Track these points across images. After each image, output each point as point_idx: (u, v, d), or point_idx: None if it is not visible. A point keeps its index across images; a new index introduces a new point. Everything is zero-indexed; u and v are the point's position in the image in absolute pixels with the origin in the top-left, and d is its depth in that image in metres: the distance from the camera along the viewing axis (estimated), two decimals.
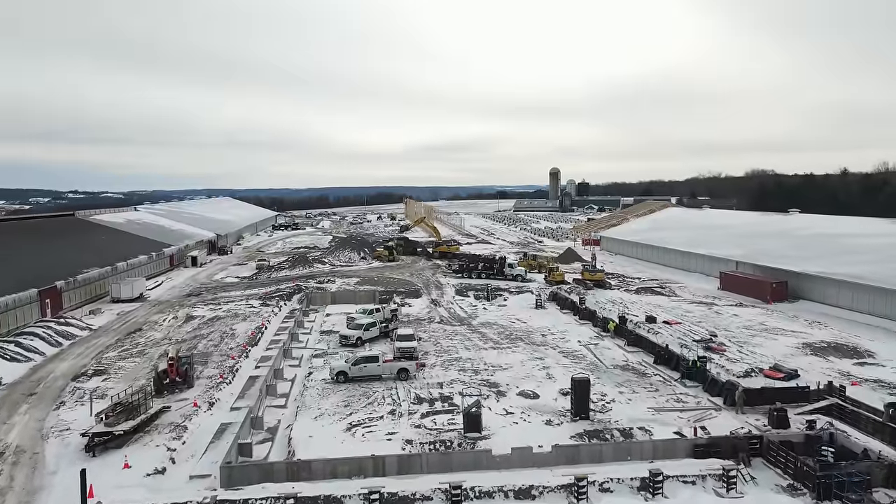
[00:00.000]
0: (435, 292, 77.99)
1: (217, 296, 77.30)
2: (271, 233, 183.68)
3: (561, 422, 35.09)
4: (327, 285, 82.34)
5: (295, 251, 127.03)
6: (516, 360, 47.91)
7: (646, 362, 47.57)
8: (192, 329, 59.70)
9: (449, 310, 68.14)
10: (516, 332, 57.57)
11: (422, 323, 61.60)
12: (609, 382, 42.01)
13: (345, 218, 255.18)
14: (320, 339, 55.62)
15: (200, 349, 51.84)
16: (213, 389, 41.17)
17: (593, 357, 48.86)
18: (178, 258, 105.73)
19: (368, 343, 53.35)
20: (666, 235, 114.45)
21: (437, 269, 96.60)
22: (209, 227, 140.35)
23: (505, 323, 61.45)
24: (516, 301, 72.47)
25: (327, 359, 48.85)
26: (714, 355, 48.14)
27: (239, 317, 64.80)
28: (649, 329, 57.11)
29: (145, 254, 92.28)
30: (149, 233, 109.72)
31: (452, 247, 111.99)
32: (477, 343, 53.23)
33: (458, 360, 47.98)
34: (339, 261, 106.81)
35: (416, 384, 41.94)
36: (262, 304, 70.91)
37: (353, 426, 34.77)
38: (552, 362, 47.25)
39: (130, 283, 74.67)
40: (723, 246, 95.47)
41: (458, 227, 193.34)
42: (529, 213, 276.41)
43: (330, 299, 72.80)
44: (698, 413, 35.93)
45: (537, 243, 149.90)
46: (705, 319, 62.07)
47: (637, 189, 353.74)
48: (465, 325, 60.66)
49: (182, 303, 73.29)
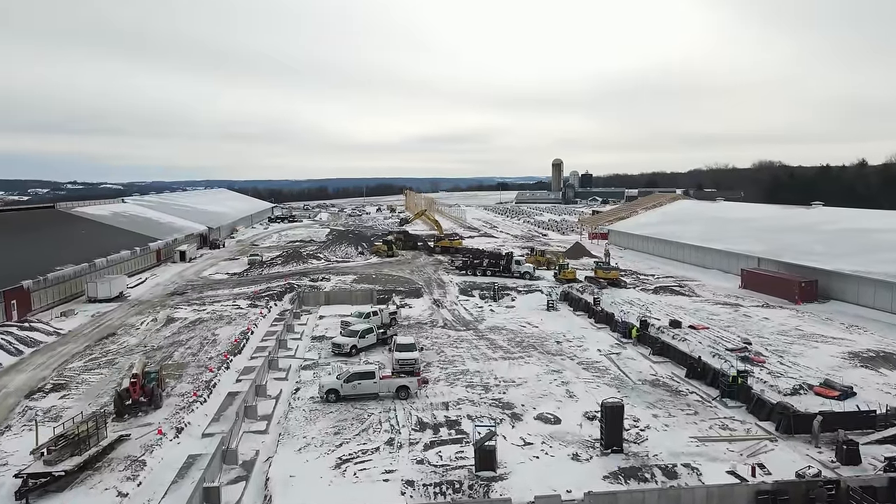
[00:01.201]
0: (437, 291, 72.51)
1: (203, 295, 71.83)
2: (267, 225, 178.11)
3: (590, 456, 29.63)
4: (321, 283, 76.84)
5: (290, 245, 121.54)
6: (531, 373, 42.45)
7: (677, 376, 42.13)
8: (170, 334, 54.23)
9: (453, 312, 62.68)
10: (528, 338, 52.12)
11: (423, 327, 56.15)
12: (639, 402, 36.56)
13: (343, 210, 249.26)
14: (311, 347, 50.14)
15: (176, 359, 46.37)
16: (184, 410, 35.71)
17: (617, 370, 43.39)
18: (166, 253, 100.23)
19: (364, 352, 47.90)
20: (678, 229, 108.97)
21: (438, 266, 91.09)
22: (201, 219, 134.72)
23: (515, 327, 55.99)
24: (525, 301, 66.99)
25: (318, 371, 43.42)
26: (753, 367, 42.69)
27: (223, 320, 59.33)
28: (674, 335, 51.65)
29: (129, 249, 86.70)
30: (135, 226, 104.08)
31: (455, 241, 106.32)
32: (485, 352, 47.77)
33: (464, 373, 42.52)
34: (335, 256, 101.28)
35: (418, 404, 36.50)
36: (250, 305, 65.43)
37: (344, 461, 29.30)
38: (571, 376, 41.80)
39: (108, 281, 69.14)
40: (741, 241, 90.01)
41: (460, 219, 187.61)
42: (532, 204, 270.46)
43: (324, 299, 67.31)
44: (752, 446, 30.48)
45: (542, 236, 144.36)
46: (734, 324, 56.59)
47: (640, 181, 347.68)
48: (471, 329, 55.20)
49: (164, 303, 67.82)
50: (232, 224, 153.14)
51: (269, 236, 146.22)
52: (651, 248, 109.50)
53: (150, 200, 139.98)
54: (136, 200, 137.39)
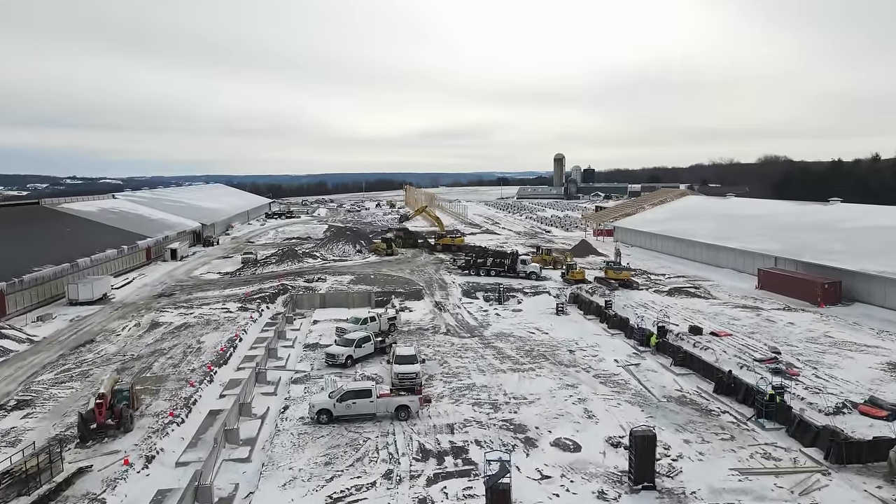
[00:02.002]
0: (439, 293, 68.62)
1: (191, 296, 67.95)
2: (264, 221, 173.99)
3: (618, 493, 25.80)
4: (317, 284, 72.92)
5: (286, 242, 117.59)
6: (543, 387, 38.61)
7: (704, 391, 38.30)
8: (152, 341, 50.36)
9: (456, 316, 58.83)
10: (538, 346, 48.25)
11: (424, 334, 52.30)
12: (667, 425, 32.71)
13: (342, 205, 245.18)
14: (303, 357, 46.26)
15: (155, 371, 42.51)
16: (157, 434, 31.87)
17: (638, 384, 39.55)
18: (157, 251, 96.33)
19: (361, 363, 44.06)
20: (688, 226, 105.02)
21: (440, 265, 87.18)
22: (195, 216, 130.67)
23: (523, 333, 52.14)
24: (533, 304, 63.17)
25: (309, 385, 39.58)
26: (787, 381, 38.86)
27: (211, 325, 55.47)
28: (695, 343, 47.86)
29: (116, 247, 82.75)
30: (124, 223, 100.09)
31: (457, 238, 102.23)
32: (492, 363, 43.91)
33: (471, 388, 38.67)
34: (332, 254, 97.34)
35: (420, 426, 32.66)
36: (240, 309, 61.53)
37: (335, 500, 25.49)
38: (588, 391, 37.96)
39: (91, 282, 65.22)
40: (756, 239, 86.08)
41: (461, 215, 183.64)
42: (533, 200, 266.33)
43: (319, 302, 63.47)
44: (803, 481, 26.65)
45: (545, 233, 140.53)
46: (758, 329, 52.74)
47: (641, 176, 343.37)
48: (477, 336, 51.34)
49: (150, 305, 63.94)
50: (227, 220, 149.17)
51: (266, 233, 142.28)
52: (660, 245, 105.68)
53: (141, 196, 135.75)
54: (127, 196, 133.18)
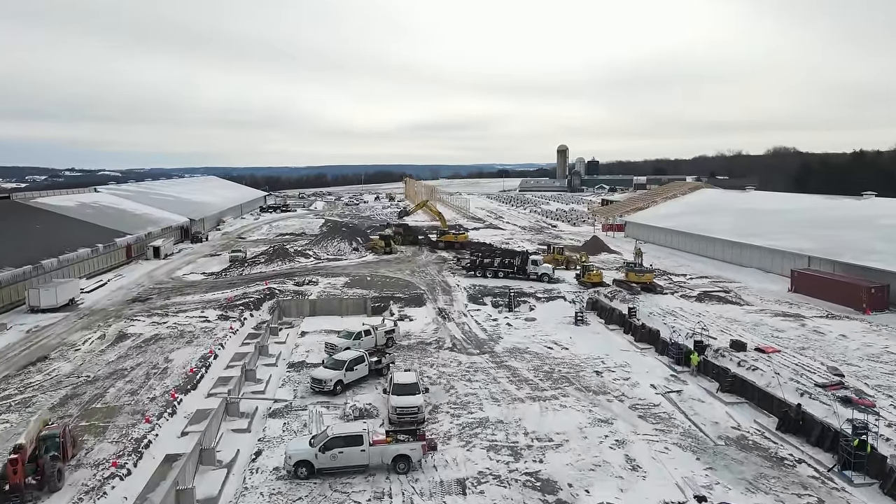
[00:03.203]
0: (443, 298, 61.99)
1: (169, 302, 61.37)
2: (258, 216, 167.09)
3: None
4: (308, 288, 66.25)
5: (279, 239, 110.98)
6: (571, 423, 32.10)
7: (765, 428, 31.81)
8: (114, 358, 43.78)
9: (462, 326, 52.25)
10: (558, 365, 41.70)
11: (427, 349, 45.75)
12: (734, 481, 26.19)
13: (340, 198, 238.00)
14: (285, 380, 39.67)
15: (109, 399, 35.94)
16: (92, 493, 25.35)
17: (684, 419, 33.03)
18: (139, 249, 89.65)
19: (352, 388, 37.53)
20: (706, 222, 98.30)
21: (442, 265, 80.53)
22: (183, 210, 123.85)
23: (539, 349, 45.58)
24: (547, 312, 56.62)
25: (290, 420, 33.05)
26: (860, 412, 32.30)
27: (184, 337, 48.89)
28: (740, 361, 41.31)
29: (90, 245, 76.08)
30: (103, 219, 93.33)
31: (460, 235, 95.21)
32: (507, 388, 37.37)
33: (483, 423, 32.14)
34: (326, 253, 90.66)
35: (423, 483, 26.14)
36: (220, 317, 54.94)
37: None
38: (626, 429, 31.43)
39: (55, 286, 58.54)
40: (784, 236, 79.40)
41: (463, 209, 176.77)
42: (537, 192, 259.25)
43: (308, 309, 56.89)
44: None
45: (551, 228, 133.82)
46: (807, 343, 46.09)
47: (643, 168, 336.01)
48: (487, 352, 44.77)
49: (120, 312, 57.34)
50: (218, 214, 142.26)
51: (259, 228, 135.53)
52: (675, 242, 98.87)
53: (126, 189, 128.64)
54: (110, 189, 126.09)
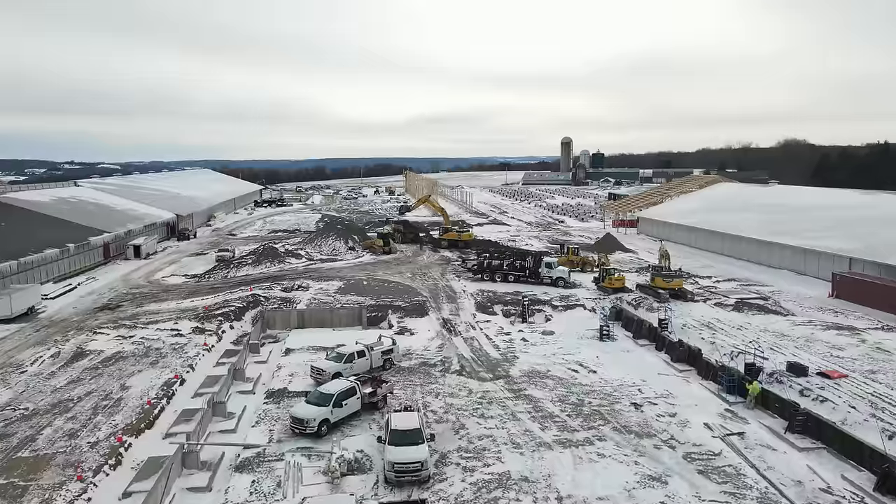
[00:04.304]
0: (447, 306, 55.24)
1: (141, 310, 54.70)
2: (251, 210, 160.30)
3: None
4: (297, 294, 59.53)
5: (271, 236, 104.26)
6: (615, 482, 25.45)
7: (858, 488, 25.15)
8: (63, 384, 37.13)
9: (471, 342, 45.54)
10: (588, 395, 35.01)
11: (431, 372, 39.08)
12: None
13: (339, 192, 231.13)
14: (261, 415, 32.98)
15: (40, 444, 29.19)
16: None
17: (755, 475, 26.33)
18: (118, 248, 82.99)
19: (340, 428, 30.86)
20: (729, 218, 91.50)
21: (446, 266, 73.78)
22: (171, 205, 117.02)
23: (562, 372, 38.91)
24: (566, 323, 49.94)
25: (260, 476, 26.40)
26: None
27: (150, 356, 42.25)
28: (803, 390, 34.71)
29: (60, 246, 69.37)
30: (80, 215, 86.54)
31: (464, 233, 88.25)
32: (530, 428, 30.69)
33: (503, 482, 25.48)
34: (320, 252, 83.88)
35: None
36: (194, 330, 48.25)
37: None
38: (686, 493, 24.75)
39: (9, 293, 51.79)
40: (819, 235, 72.71)
41: (466, 203, 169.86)
42: (540, 186, 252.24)
43: (296, 320, 50.20)
44: None
45: (558, 223, 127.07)
46: (874, 364, 39.26)
47: (647, 160, 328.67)
48: (502, 377, 38.09)
49: (84, 323, 50.67)
50: (209, 210, 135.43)
51: (252, 223, 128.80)
52: (695, 240, 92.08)
53: (110, 184, 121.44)
54: (93, 184, 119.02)
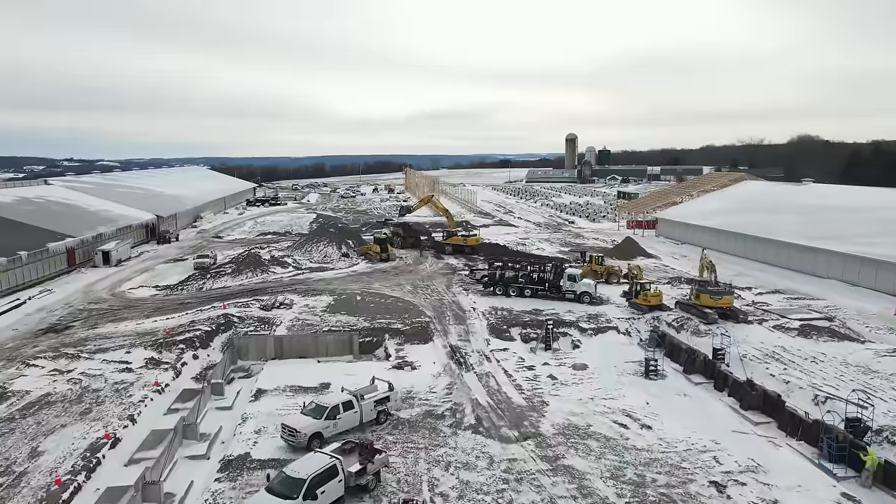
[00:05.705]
0: (455, 329, 46.53)
1: (92, 332, 46.04)
2: (243, 210, 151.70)
3: None
4: (278, 312, 50.77)
5: (260, 239, 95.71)
6: None
7: None
8: None
9: (486, 381, 36.86)
10: (647, 468, 26.39)
11: (438, 428, 30.43)
12: None
13: (336, 190, 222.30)
14: (211, 498, 24.36)
15: None
16: None
17: None
18: (85, 254, 74.40)
19: None
20: (762, 220, 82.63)
21: (451, 275, 65.09)
22: (153, 205, 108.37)
23: (607, 428, 30.27)
24: (599, 351, 41.34)
25: None
26: None
27: (84, 401, 33.67)
28: None
29: (7, 254, 60.71)
30: (44, 218, 77.79)
31: (471, 238, 79.28)
32: None
33: None
34: (310, 259, 75.15)
35: None
36: (148, 362, 39.63)
37: None
38: None
39: None
40: (873, 241, 64.03)
41: (468, 202, 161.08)
42: (545, 183, 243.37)
43: (273, 349, 41.58)
44: None
45: (568, 224, 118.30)
46: None
47: (652, 157, 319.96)
48: (530, 436, 29.46)
49: (18, 351, 42.07)
50: (196, 210, 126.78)
51: (242, 224, 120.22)
52: (722, 244, 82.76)
53: (86, 182, 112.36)
54: (67, 182, 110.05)
